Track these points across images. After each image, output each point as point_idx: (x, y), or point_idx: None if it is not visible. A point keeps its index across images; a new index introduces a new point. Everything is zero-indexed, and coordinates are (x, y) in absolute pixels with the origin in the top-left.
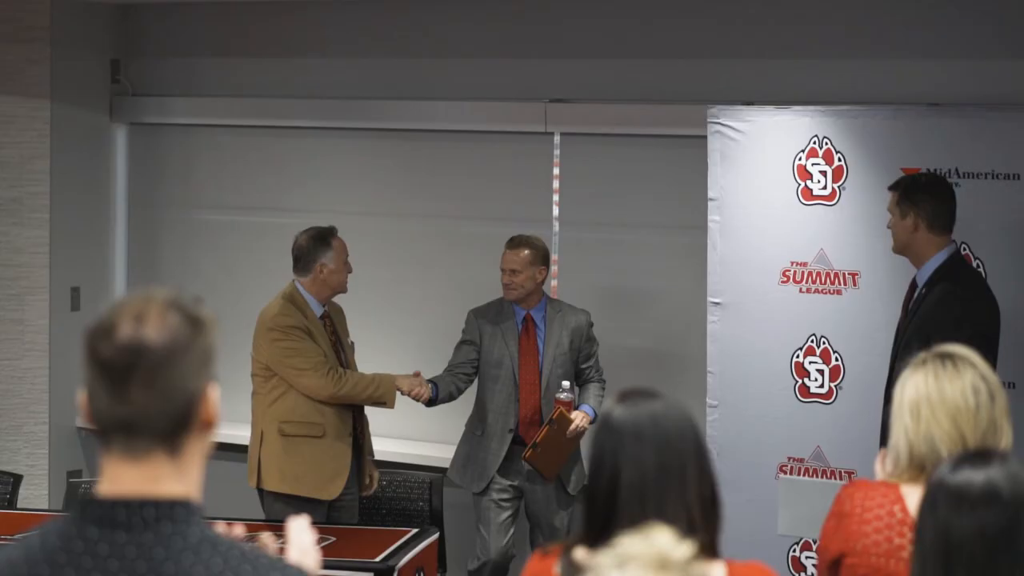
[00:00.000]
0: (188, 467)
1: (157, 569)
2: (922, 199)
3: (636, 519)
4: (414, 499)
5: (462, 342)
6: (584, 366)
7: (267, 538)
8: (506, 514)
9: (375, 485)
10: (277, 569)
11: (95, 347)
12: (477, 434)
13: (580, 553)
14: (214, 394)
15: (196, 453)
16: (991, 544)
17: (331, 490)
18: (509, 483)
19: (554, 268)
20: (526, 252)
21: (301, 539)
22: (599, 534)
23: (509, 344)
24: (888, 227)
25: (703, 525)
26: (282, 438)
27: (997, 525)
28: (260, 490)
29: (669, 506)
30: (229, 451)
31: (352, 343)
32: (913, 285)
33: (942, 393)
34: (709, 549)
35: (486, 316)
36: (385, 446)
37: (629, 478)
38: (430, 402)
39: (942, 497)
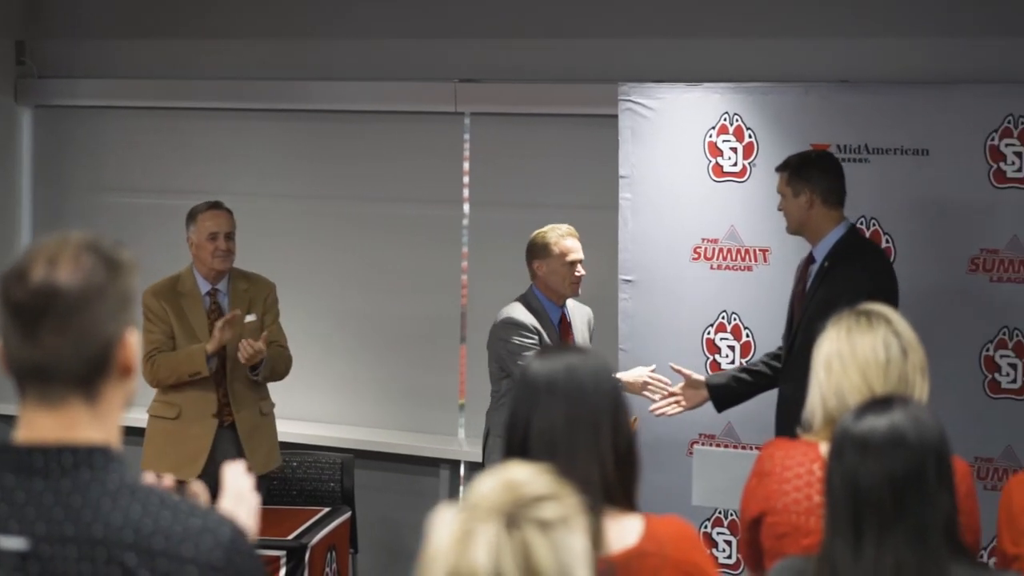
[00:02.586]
0: (106, 413)
1: (75, 516)
2: (814, 175)
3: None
4: (325, 480)
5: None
6: None
7: (196, 487)
8: None
9: (271, 466)
10: (197, 515)
11: (8, 291)
12: None
13: None
14: (132, 339)
15: (115, 399)
16: (899, 488)
17: (189, 471)
18: None
19: (464, 249)
20: None
21: (237, 484)
22: None
23: None
24: (779, 209)
25: (617, 478)
26: (149, 419)
27: (903, 469)
28: None
29: (580, 457)
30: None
31: (252, 319)
32: (810, 259)
33: (853, 347)
34: (625, 501)
35: (540, 321)
36: (297, 428)
37: (539, 428)
38: None
39: (848, 445)
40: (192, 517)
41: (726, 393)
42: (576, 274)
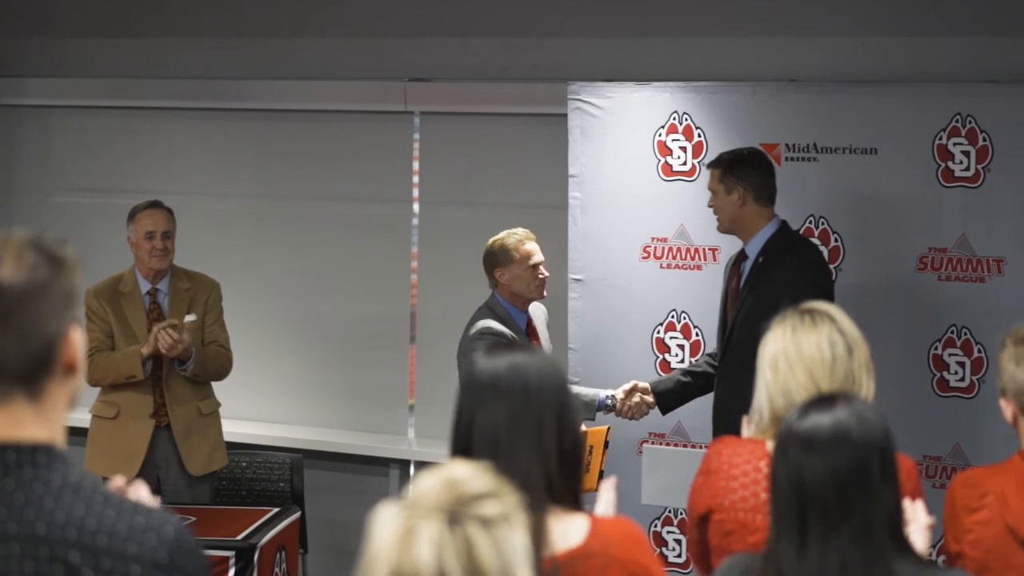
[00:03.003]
0: (51, 412)
1: (18, 515)
2: (747, 172)
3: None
4: (275, 480)
5: None
6: None
7: (139, 486)
8: None
9: (214, 466)
10: (141, 514)
11: None
12: None
13: None
14: (76, 337)
15: (59, 397)
16: (843, 485)
17: (127, 471)
18: None
19: (414, 249)
20: None
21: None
22: None
23: None
24: (709, 206)
25: (562, 477)
26: (91, 418)
27: (848, 465)
28: None
29: (521, 456)
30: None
31: (192, 319)
32: (742, 256)
33: (799, 346)
34: (570, 501)
35: (511, 328)
36: (246, 428)
37: (481, 427)
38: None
39: (792, 443)
40: (136, 515)
41: (672, 398)
42: (540, 276)
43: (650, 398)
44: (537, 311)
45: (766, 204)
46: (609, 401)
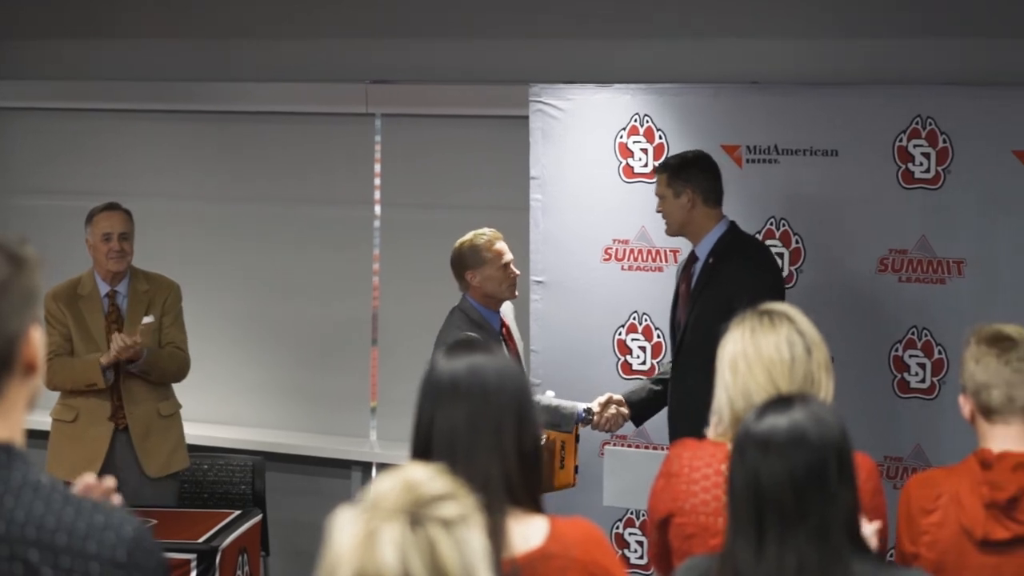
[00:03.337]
0: (10, 411)
1: None
2: (694, 175)
3: (447, 471)
4: (236, 482)
5: None
6: None
7: (107, 481)
8: None
9: (173, 468)
10: (100, 512)
11: None
12: None
13: None
14: (37, 336)
15: (19, 397)
16: (800, 486)
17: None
18: None
19: (375, 251)
20: None
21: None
22: None
23: None
24: (658, 211)
25: (521, 479)
26: (52, 422)
27: (805, 467)
28: None
29: (481, 457)
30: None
31: (150, 321)
32: (692, 258)
33: (758, 347)
34: (530, 503)
35: (486, 333)
36: (207, 431)
37: (440, 428)
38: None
39: (749, 445)
40: (95, 514)
41: (645, 408)
42: (512, 275)
43: (625, 410)
44: (506, 310)
45: (714, 206)
46: (587, 415)
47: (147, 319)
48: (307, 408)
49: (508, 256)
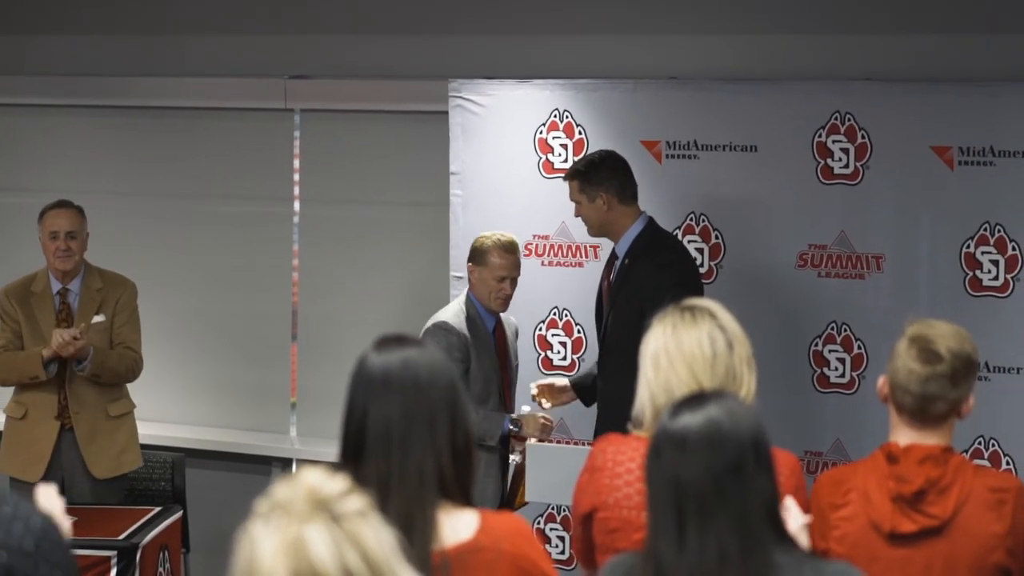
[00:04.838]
0: None
1: None
2: (605, 176)
3: (381, 465)
4: (156, 479)
5: None
6: None
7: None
8: None
9: (123, 469)
10: (8, 504)
11: None
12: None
13: None
14: None
15: None
16: (719, 480)
17: (33, 472)
18: None
19: (295, 247)
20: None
21: (48, 507)
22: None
23: (489, 362)
24: (576, 216)
25: (454, 473)
26: (5, 419)
27: (723, 461)
28: None
29: (414, 452)
30: None
31: (100, 320)
32: (613, 256)
33: (679, 343)
34: (460, 497)
35: (472, 332)
36: None
37: (374, 423)
38: None
39: (665, 444)
40: (3, 506)
41: (592, 390)
42: (502, 292)
43: (551, 418)
44: (508, 322)
45: (631, 202)
46: (514, 427)
47: (97, 318)
48: (227, 404)
49: (504, 272)
